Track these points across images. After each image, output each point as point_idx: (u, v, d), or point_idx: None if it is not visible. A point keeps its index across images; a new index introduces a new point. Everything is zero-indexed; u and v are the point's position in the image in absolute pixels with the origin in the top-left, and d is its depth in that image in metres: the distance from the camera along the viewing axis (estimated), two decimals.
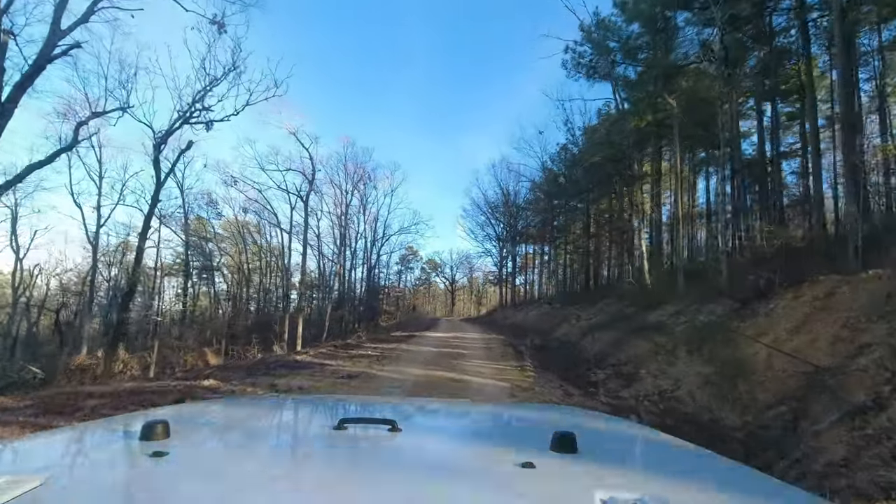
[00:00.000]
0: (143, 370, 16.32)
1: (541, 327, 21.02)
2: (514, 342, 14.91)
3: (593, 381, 8.26)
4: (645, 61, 17.19)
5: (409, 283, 65.40)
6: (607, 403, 6.51)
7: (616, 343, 10.81)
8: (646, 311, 12.44)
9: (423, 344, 13.40)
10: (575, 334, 14.53)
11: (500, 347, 12.86)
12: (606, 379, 8.19)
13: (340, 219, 32.25)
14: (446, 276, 65.89)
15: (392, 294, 58.70)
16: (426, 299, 70.40)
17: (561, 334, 16.13)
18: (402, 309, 58.41)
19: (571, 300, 24.37)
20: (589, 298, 21.58)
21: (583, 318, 16.78)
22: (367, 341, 14.08)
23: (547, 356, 11.37)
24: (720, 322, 8.35)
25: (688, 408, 6.03)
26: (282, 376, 6.66)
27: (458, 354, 10.79)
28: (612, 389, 7.46)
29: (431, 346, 12.79)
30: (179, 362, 14.81)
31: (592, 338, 12.54)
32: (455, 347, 12.34)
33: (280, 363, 7.99)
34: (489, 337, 17.30)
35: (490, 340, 15.46)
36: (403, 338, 15.75)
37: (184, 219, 24.00)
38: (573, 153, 29.24)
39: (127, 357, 14.72)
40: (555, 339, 15.52)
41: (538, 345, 14.23)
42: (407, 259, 63.78)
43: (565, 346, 13.40)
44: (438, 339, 15.13)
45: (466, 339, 15.60)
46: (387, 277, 53.50)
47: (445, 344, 13.36)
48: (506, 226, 40.25)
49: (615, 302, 16.30)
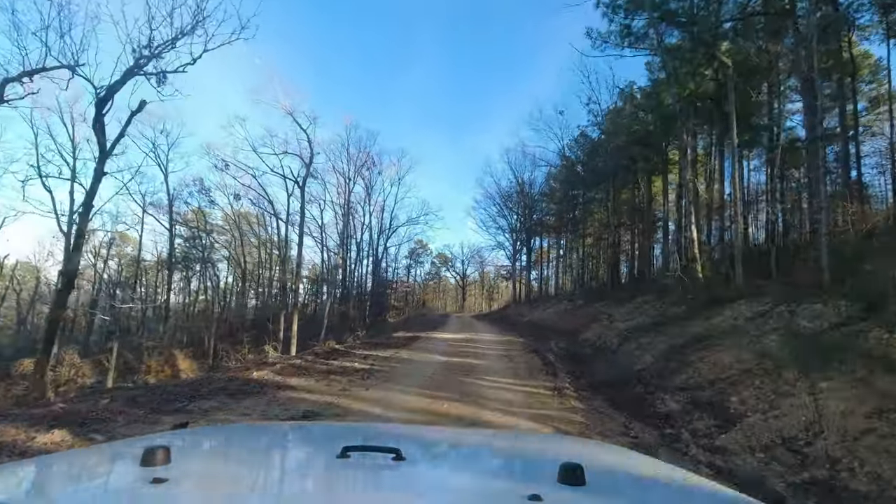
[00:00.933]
0: (104, 375, 14.37)
1: (564, 327, 18.56)
2: (536, 347, 12.51)
3: (663, 415, 5.85)
4: (691, 18, 14.49)
5: (418, 278, 63.30)
6: (708, 464, 4.10)
7: (674, 354, 8.36)
8: (704, 312, 9.96)
9: (428, 350, 11.07)
10: (611, 339, 12.08)
11: (523, 355, 10.47)
12: (684, 412, 5.77)
13: (343, 207, 30.04)
14: (457, 271, 63.59)
15: (401, 289, 56.75)
16: (436, 294, 68.22)
17: (592, 338, 13.67)
18: (411, 304, 56.36)
19: (596, 297, 21.85)
20: (617, 295, 19.05)
21: (616, 319, 14.29)
22: (360, 346, 11.79)
23: (584, 369, 8.96)
24: (850, 331, 5.86)
25: (860, 482, 3.60)
26: (201, 413, 4.36)
27: (470, 368, 8.44)
28: (700, 432, 5.03)
29: (438, 353, 10.46)
30: (142, 367, 12.81)
31: (637, 345, 10.09)
32: (466, 356, 9.99)
33: (223, 386, 5.70)
34: (506, 339, 14.91)
35: (508, 345, 13.07)
36: (406, 340, 13.45)
37: (168, 205, 21.91)
38: (593, 140, 26.65)
39: (79, 363, 12.82)
40: (586, 344, 13.08)
41: (567, 351, 11.82)
42: (416, 253, 61.67)
43: (601, 354, 10.97)
44: (447, 344, 12.79)
45: (480, 344, 13.23)
46: (395, 272, 51.43)
47: (455, 350, 11.01)
48: (520, 216, 37.67)
49: (654, 300, 13.78)
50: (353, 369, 7.67)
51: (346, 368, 7.63)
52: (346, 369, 7.54)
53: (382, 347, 11.27)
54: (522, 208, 36.88)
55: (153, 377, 12.12)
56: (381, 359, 8.99)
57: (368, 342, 12.92)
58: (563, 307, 24.65)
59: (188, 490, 0.85)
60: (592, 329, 14.98)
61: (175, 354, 13.28)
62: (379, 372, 7.52)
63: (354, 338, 18.79)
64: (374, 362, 8.32)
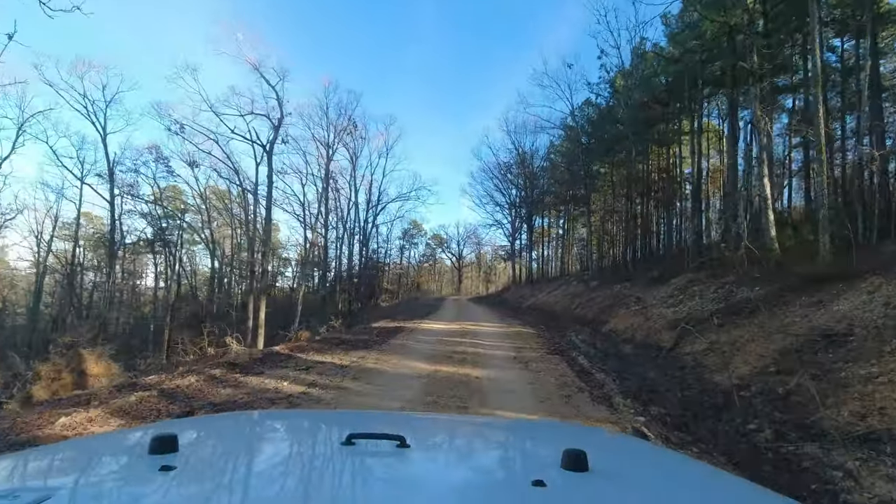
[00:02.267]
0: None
1: (579, 314, 15.48)
2: (555, 343, 9.42)
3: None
4: None
5: (412, 260, 60.22)
6: None
7: (794, 363, 5.24)
8: (806, 295, 6.85)
9: (409, 352, 7.94)
10: (656, 332, 8.98)
11: (543, 359, 7.36)
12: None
13: (323, 179, 26.58)
14: (453, 252, 60.47)
15: (394, 271, 53.77)
16: (431, 277, 65.28)
17: (623, 329, 10.57)
18: (404, 287, 53.41)
19: (614, 276, 18.75)
20: (643, 274, 15.94)
21: (651, 304, 11.20)
22: (319, 345, 8.65)
23: (641, 386, 5.83)
24: None
25: None
26: None
27: (467, 382, 5.36)
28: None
29: (422, 356, 7.33)
30: (28, 373, 9.71)
31: (708, 344, 6.98)
32: (462, 363, 6.86)
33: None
34: (513, 331, 11.81)
35: (517, 340, 9.97)
36: (385, 334, 10.34)
37: (108, 175, 18.42)
38: (607, 100, 23.15)
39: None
40: (617, 338, 9.98)
41: (598, 350, 8.71)
42: (410, 234, 58.51)
43: (649, 357, 7.85)
44: (437, 339, 9.67)
45: (481, 338, 10.12)
46: (388, 253, 48.20)
47: (446, 352, 7.88)
48: (521, 189, 34.31)
49: (706, 279, 10.65)
50: (274, 397, 4.50)
51: (241, 403, 4.44)
52: (240, 404, 4.35)
53: (346, 348, 8.13)
54: (524, 179, 33.52)
55: (44, 388, 8.98)
56: (329, 373, 5.81)
57: (334, 339, 9.78)
58: (571, 289, 21.57)
59: (196, 477, 0.85)
60: (620, 317, 11.89)
61: (82, 355, 10.05)
62: (316, 406, 4.34)
63: (329, 328, 15.75)
64: (307, 387, 5.13)
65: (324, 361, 6.66)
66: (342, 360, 6.84)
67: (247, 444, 1.23)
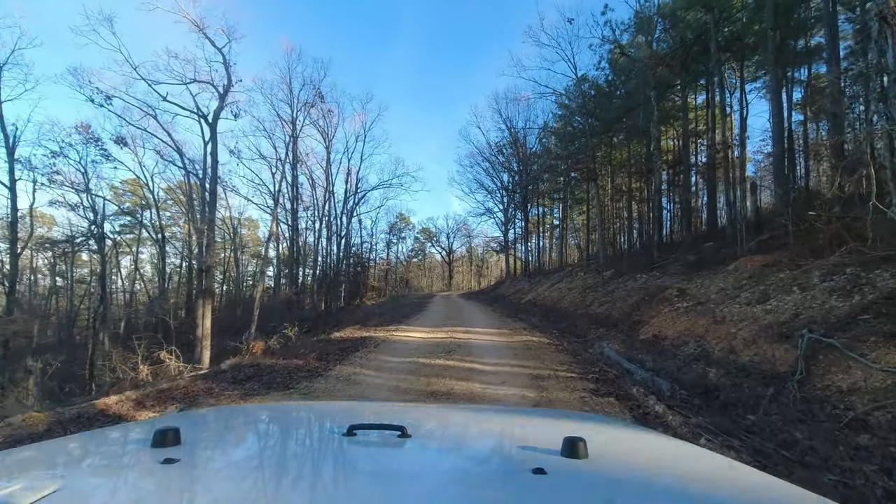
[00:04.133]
0: None
1: (600, 312, 12.30)
2: (583, 356, 6.25)
3: None
4: None
5: (401, 255, 56.90)
6: None
7: None
8: None
9: (354, 395, 4.66)
10: (748, 343, 5.77)
11: (585, 401, 4.11)
12: None
13: (284, 160, 23.04)
14: (442, 246, 57.24)
15: (381, 267, 50.51)
16: (421, 272, 62.09)
17: (679, 336, 7.37)
18: (392, 284, 50.19)
19: (632, 264, 15.66)
20: (673, 260, 12.84)
21: (712, 298, 8.09)
22: (212, 384, 5.33)
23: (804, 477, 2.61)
24: None
25: None
26: None
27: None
28: None
29: (372, 405, 4.04)
30: None
31: (878, 372, 3.82)
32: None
33: None
34: (519, 341, 8.58)
35: (528, 356, 6.78)
36: (336, 353, 7.09)
37: (6, 153, 14.71)
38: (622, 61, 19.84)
39: None
40: (677, 350, 6.76)
41: (656, 371, 5.51)
42: (397, 227, 55.22)
43: (758, 388, 4.64)
44: (410, 361, 6.45)
45: (475, 354, 6.90)
46: (373, 248, 44.81)
47: (418, 389, 4.62)
48: (515, 173, 31.05)
49: (791, 260, 7.51)
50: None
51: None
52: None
53: (258, 384, 4.84)
54: (518, 162, 30.28)
55: None
56: None
57: (251, 367, 6.48)
58: (579, 281, 18.44)
59: (199, 469, 0.86)
60: (663, 317, 8.74)
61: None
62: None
63: (281, 338, 12.48)
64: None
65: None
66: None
67: (248, 435, 1.23)
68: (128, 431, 1.24)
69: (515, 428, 1.46)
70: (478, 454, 1.13)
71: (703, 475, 0.96)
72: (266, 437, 1.23)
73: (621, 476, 0.88)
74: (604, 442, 1.10)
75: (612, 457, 1.00)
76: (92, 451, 1.04)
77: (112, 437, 1.17)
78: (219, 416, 1.55)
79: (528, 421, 1.62)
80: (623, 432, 1.46)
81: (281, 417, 1.48)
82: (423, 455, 1.01)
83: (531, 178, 28.41)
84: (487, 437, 1.35)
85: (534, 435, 1.33)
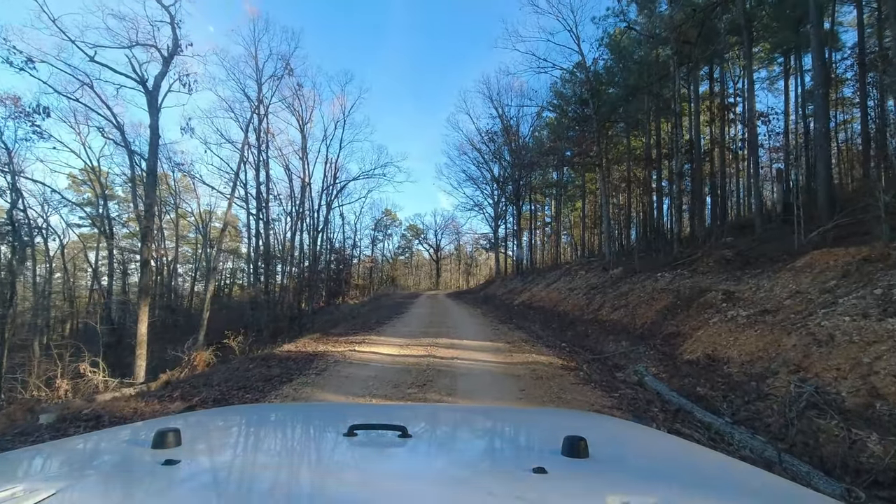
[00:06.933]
0: None
1: (615, 318, 10.08)
2: (620, 395, 4.04)
3: None
4: None
5: (387, 253, 54.47)
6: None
7: None
8: None
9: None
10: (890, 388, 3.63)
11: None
12: None
13: (248, 140, 20.43)
14: (430, 243, 54.89)
15: (365, 265, 48.07)
16: (408, 270, 59.72)
17: (751, 360, 5.10)
18: (377, 282, 47.77)
19: (647, 261, 13.53)
20: (700, 257, 10.69)
21: (788, 304, 5.91)
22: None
23: None
24: None
25: None
26: None
27: None
28: None
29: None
30: None
31: None
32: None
33: None
34: (521, 361, 6.24)
35: (540, 390, 4.53)
36: (275, 375, 4.73)
37: None
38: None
39: None
40: (754, 382, 4.49)
41: (769, 441, 3.29)
42: (383, 224, 52.78)
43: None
44: (364, 402, 4.07)
45: (465, 386, 4.67)
46: (356, 245, 42.31)
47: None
48: (508, 165, 28.83)
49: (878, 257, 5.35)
50: None
51: None
52: None
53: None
54: (511, 153, 28.05)
55: None
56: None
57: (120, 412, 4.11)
58: (580, 281, 16.26)
59: (200, 470, 0.84)
60: (712, 328, 6.54)
61: None
62: None
63: (212, 353, 10.15)
64: None
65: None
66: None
67: (249, 436, 1.22)
68: (128, 433, 1.19)
69: (516, 427, 1.43)
70: (478, 453, 1.13)
71: (705, 473, 0.94)
72: (267, 437, 1.21)
73: (622, 475, 0.88)
74: (605, 441, 1.09)
75: (614, 456, 0.99)
76: (92, 452, 1.04)
77: (112, 439, 1.14)
78: (220, 416, 1.52)
79: (529, 420, 1.59)
80: (624, 431, 1.43)
81: (282, 418, 1.48)
82: (424, 455, 1.01)
83: (524, 165, 26.14)
84: (488, 437, 1.34)
85: (534, 434, 1.32)
